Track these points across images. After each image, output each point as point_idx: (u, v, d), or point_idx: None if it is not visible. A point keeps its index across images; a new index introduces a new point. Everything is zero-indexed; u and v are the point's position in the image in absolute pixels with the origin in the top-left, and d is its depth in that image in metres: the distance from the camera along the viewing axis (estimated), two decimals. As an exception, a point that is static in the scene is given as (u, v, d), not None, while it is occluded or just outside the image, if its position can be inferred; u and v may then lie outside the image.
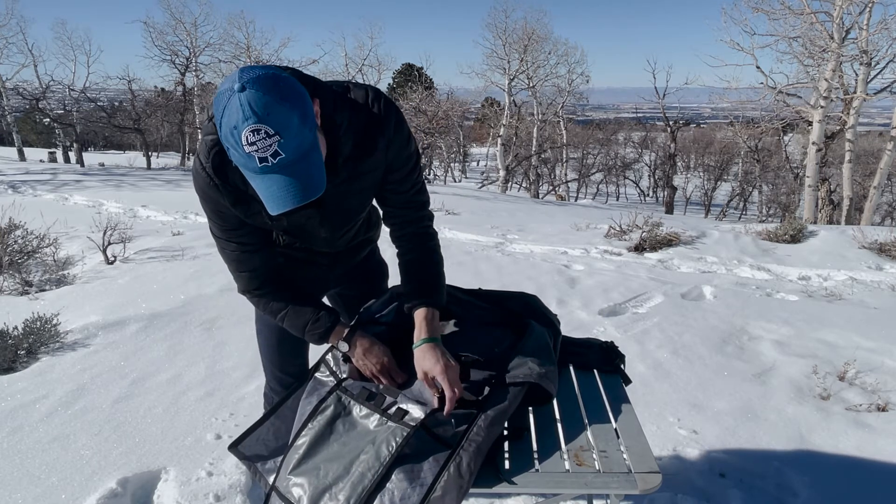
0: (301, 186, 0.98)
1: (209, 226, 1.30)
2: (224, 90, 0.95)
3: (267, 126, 0.92)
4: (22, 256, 4.80)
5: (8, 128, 23.64)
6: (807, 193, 11.86)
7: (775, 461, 2.11)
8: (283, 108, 0.94)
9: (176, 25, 21.10)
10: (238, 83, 0.93)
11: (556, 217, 9.09)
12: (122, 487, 1.92)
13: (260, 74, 0.94)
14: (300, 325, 1.35)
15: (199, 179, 1.20)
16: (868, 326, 3.51)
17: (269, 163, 0.95)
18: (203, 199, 1.23)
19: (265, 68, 0.97)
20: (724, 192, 28.61)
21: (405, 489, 1.08)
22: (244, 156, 0.95)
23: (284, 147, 0.94)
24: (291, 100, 0.96)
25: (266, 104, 0.92)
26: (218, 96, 0.96)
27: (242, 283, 1.36)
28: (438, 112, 20.20)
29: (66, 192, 10.99)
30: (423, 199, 1.39)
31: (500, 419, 1.20)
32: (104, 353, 3.01)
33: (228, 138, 0.95)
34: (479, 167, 36.47)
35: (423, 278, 1.39)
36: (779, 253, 5.67)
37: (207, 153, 1.15)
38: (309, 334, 1.35)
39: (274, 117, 0.93)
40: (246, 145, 0.93)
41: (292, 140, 0.95)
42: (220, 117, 0.95)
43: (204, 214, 1.33)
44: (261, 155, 0.94)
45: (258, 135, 0.92)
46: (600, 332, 3.41)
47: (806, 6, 11.35)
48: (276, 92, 0.94)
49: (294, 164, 0.97)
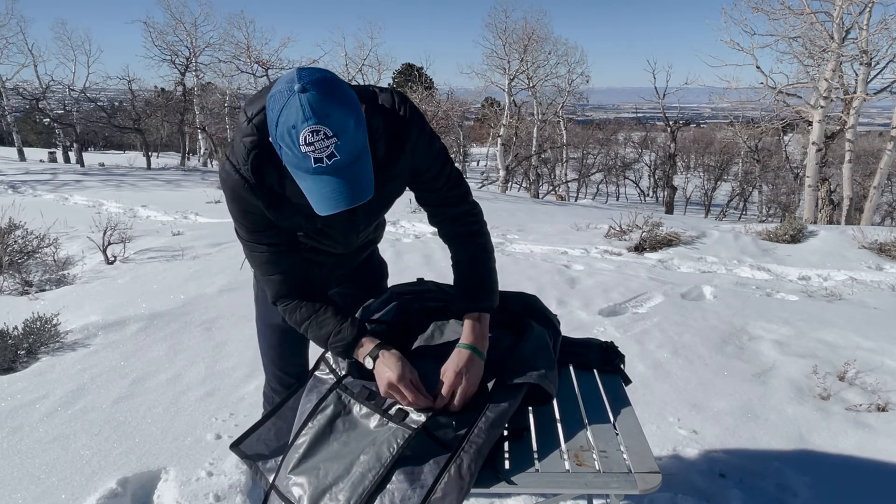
0: (352, 189, 1.00)
1: (235, 229, 1.28)
2: (281, 90, 0.96)
3: (326, 127, 0.94)
4: (22, 256, 4.80)
5: (8, 128, 23.64)
6: (807, 193, 11.87)
7: (775, 461, 2.11)
8: (341, 112, 0.96)
9: (176, 25, 21.14)
10: (298, 84, 0.94)
11: (556, 217, 9.08)
12: (122, 487, 1.92)
13: (319, 77, 0.96)
14: (322, 336, 1.29)
15: (230, 180, 1.18)
16: (868, 326, 3.51)
17: (323, 164, 0.97)
18: (233, 199, 1.21)
19: (322, 71, 0.99)
20: (724, 192, 28.60)
21: (405, 490, 1.08)
22: (299, 156, 0.96)
23: (340, 149, 0.96)
24: (349, 104, 0.98)
25: (326, 106, 0.94)
26: (274, 96, 0.97)
27: (273, 289, 1.31)
28: (438, 112, 20.21)
29: (66, 192, 10.99)
30: (460, 192, 1.37)
31: (501, 421, 1.20)
32: (104, 353, 3.01)
33: (284, 137, 0.96)
34: (479, 167, 36.44)
35: (470, 281, 1.36)
36: (779, 253, 5.67)
37: (246, 155, 1.14)
38: (332, 348, 1.30)
39: (333, 119, 0.95)
40: (303, 145, 0.95)
41: (348, 143, 0.97)
42: (277, 116, 0.96)
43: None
44: (317, 156, 0.96)
45: (317, 136, 0.94)
46: (600, 332, 3.41)
47: (806, 6, 11.35)
48: (335, 95, 0.96)
49: (347, 167, 0.99)
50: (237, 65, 21.23)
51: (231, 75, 21.43)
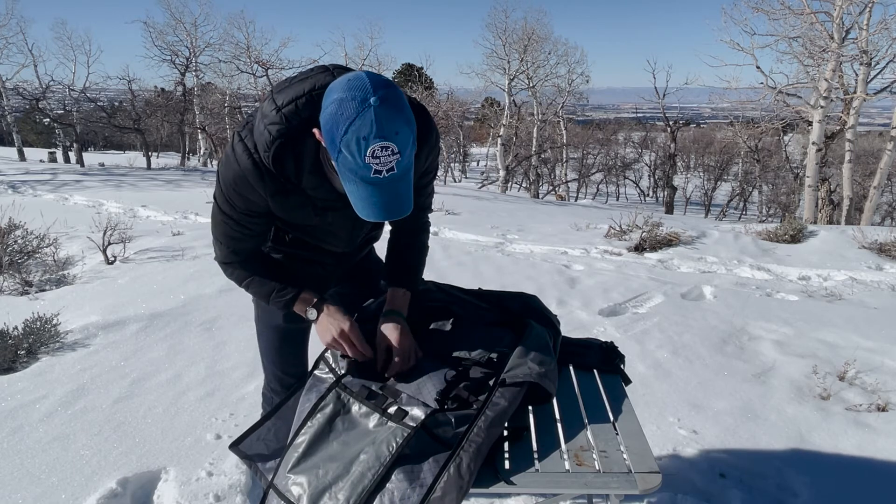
0: (396, 203, 1.06)
1: (216, 197, 1.28)
2: (354, 97, 0.98)
3: (394, 144, 0.99)
4: (22, 256, 4.80)
5: (8, 128, 23.61)
6: (807, 193, 11.86)
7: (775, 461, 2.11)
8: (407, 130, 1.01)
9: (176, 25, 21.14)
10: (374, 97, 0.97)
11: (556, 217, 9.08)
12: (122, 487, 1.92)
13: (391, 92, 1.00)
14: (266, 291, 1.36)
15: (240, 163, 1.18)
16: (868, 326, 3.51)
17: (381, 175, 1.01)
18: (235, 181, 1.20)
19: (390, 83, 1.02)
20: (724, 192, 28.60)
21: (405, 489, 1.08)
22: (361, 164, 0.99)
23: (399, 165, 1.01)
24: (411, 122, 1.03)
25: (398, 124, 0.99)
26: (344, 101, 0.99)
27: (223, 253, 1.37)
28: (438, 112, 20.22)
29: (66, 192, 10.98)
30: (431, 200, 1.50)
31: (500, 420, 1.20)
32: (104, 353, 3.01)
33: (351, 145, 0.98)
34: (479, 167, 36.45)
35: (408, 264, 1.48)
36: (779, 253, 5.67)
37: (270, 142, 1.14)
38: (275, 301, 1.36)
39: (401, 137, 1.00)
40: (369, 157, 0.98)
41: (406, 160, 1.02)
42: (348, 124, 0.98)
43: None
44: (378, 168, 1.00)
45: (385, 151, 0.98)
46: (600, 332, 3.41)
47: (806, 6, 11.35)
48: (403, 112, 1.01)
49: (398, 181, 1.04)
50: (237, 65, 21.22)
51: (231, 75, 21.42)
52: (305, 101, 1.12)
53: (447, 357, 1.37)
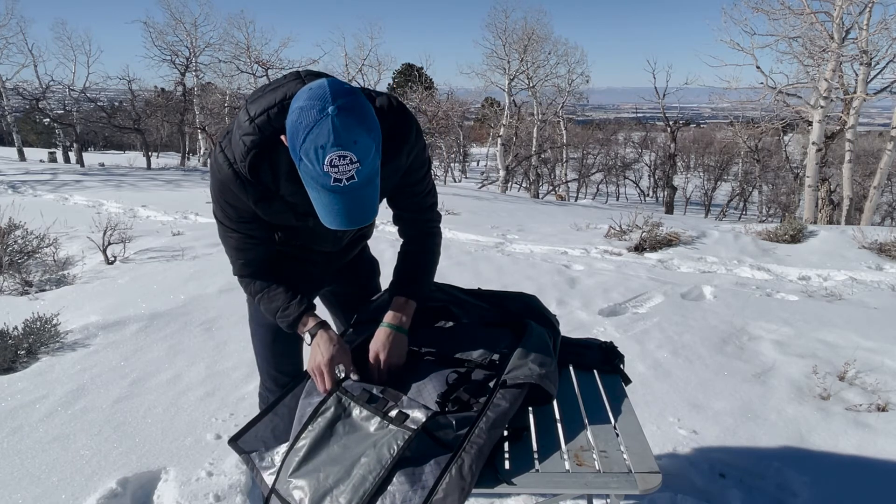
0: (359, 212, 1.06)
1: (215, 213, 1.32)
2: (312, 106, 0.98)
3: (352, 154, 0.98)
4: (22, 256, 4.79)
5: (8, 128, 23.61)
6: (807, 193, 11.86)
7: (775, 461, 2.11)
8: (368, 139, 1.00)
9: (176, 25, 21.13)
10: (333, 105, 0.97)
11: (556, 217, 9.08)
12: (122, 487, 1.92)
13: (351, 101, 0.99)
14: (272, 310, 1.38)
15: (221, 174, 1.21)
16: (868, 326, 3.51)
17: (341, 184, 1.01)
18: (221, 191, 1.24)
19: (352, 92, 1.02)
20: (724, 192, 28.60)
21: (406, 492, 1.08)
22: (320, 172, 1.00)
23: (359, 173, 1.01)
24: (373, 130, 1.02)
25: (355, 133, 0.98)
26: (303, 109, 0.99)
27: (236, 266, 1.40)
28: (438, 112, 20.20)
29: (66, 192, 10.98)
30: (432, 200, 1.47)
31: (501, 421, 1.20)
32: (104, 353, 3.01)
33: (310, 153, 0.99)
34: (479, 167, 36.44)
35: (411, 270, 1.47)
36: (779, 253, 5.67)
37: (245, 153, 1.16)
38: (280, 321, 1.38)
39: (360, 147, 0.99)
40: (327, 166, 0.99)
41: (367, 168, 1.02)
42: (306, 133, 0.98)
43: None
44: (337, 176, 1.00)
45: (343, 160, 0.98)
46: (600, 332, 3.41)
47: (806, 6, 11.34)
48: (364, 121, 1.00)
49: (360, 189, 1.03)
50: (237, 65, 21.21)
51: (231, 75, 21.41)
52: (277, 111, 1.13)
53: (448, 358, 1.37)
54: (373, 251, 1.82)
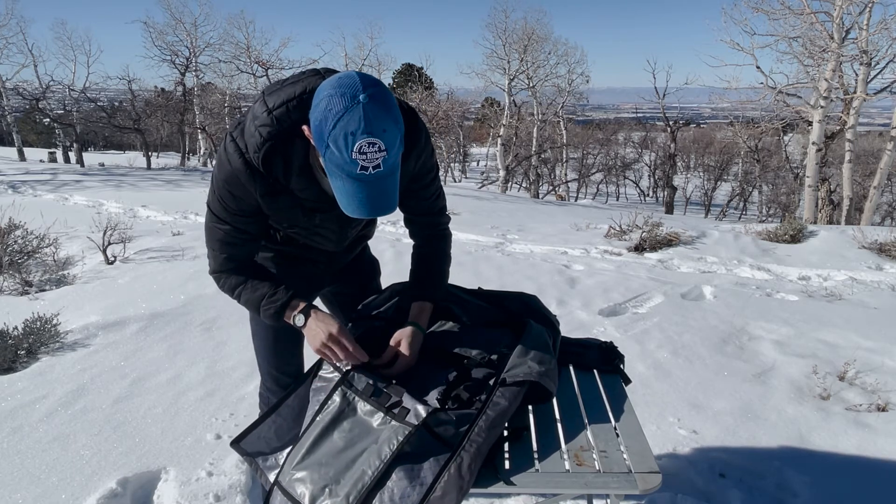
0: (382, 200, 1.07)
1: (210, 203, 1.28)
2: (344, 94, 0.99)
3: (381, 141, 1.00)
4: (22, 256, 4.79)
5: (8, 128, 23.61)
6: (807, 193, 11.86)
7: (775, 461, 2.11)
8: (395, 129, 1.03)
9: (176, 25, 21.12)
10: (364, 94, 0.99)
11: (556, 217, 9.08)
12: (122, 487, 1.92)
13: (380, 91, 1.01)
14: (256, 299, 1.33)
15: (231, 163, 1.19)
16: (868, 326, 3.51)
17: (367, 172, 1.02)
18: (227, 181, 1.22)
19: (380, 82, 1.04)
20: (724, 192, 28.59)
21: (405, 488, 1.08)
22: (347, 160, 1.01)
23: (385, 162, 1.02)
24: (399, 122, 1.05)
25: (386, 122, 1.00)
26: (334, 97, 1.00)
27: (217, 263, 1.35)
28: (438, 112, 20.17)
29: (66, 192, 10.98)
30: (441, 203, 1.50)
31: (501, 420, 1.21)
32: (104, 353, 3.01)
33: (338, 140, 1.00)
34: (479, 167, 36.42)
35: (426, 274, 1.49)
36: (779, 253, 5.67)
37: (261, 144, 1.15)
38: (264, 309, 1.32)
39: (388, 135, 1.01)
40: (355, 152, 0.99)
41: (392, 157, 1.03)
42: (336, 119, 0.99)
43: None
44: (364, 164, 1.01)
45: (372, 147, 0.99)
46: (600, 332, 3.41)
47: (806, 6, 11.34)
48: (392, 111, 1.02)
49: (384, 179, 1.05)
50: (237, 65, 21.23)
51: (231, 75, 21.42)
52: (296, 104, 1.13)
53: (448, 357, 1.37)
54: (373, 251, 1.83)
